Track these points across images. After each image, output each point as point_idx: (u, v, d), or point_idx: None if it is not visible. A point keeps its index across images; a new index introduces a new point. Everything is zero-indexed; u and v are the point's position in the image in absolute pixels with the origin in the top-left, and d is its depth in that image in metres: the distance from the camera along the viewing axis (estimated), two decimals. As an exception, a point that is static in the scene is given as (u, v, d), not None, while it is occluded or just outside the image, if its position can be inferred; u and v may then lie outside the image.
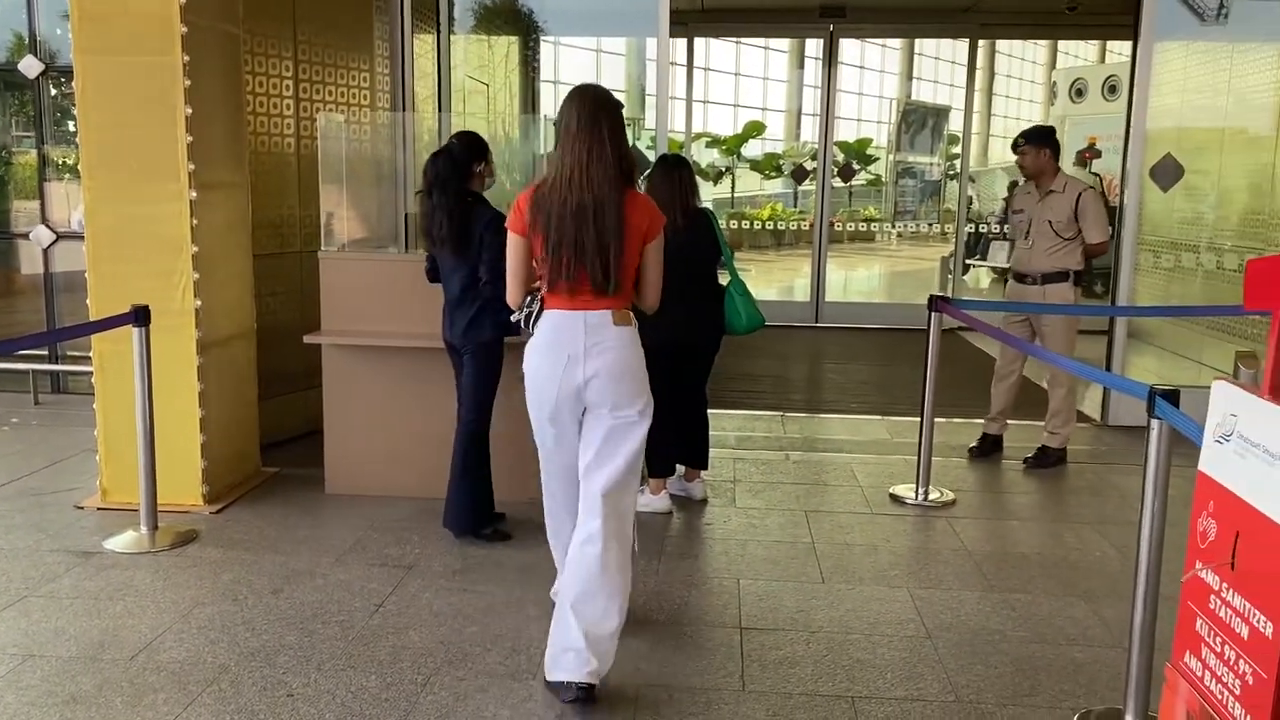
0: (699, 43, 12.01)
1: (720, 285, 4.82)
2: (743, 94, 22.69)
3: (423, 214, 4.20)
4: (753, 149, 19.38)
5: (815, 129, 11.51)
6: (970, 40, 11.16)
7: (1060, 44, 23.39)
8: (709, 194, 17.32)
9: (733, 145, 18.76)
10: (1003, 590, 3.97)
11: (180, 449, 4.62)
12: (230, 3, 4.86)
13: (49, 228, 6.87)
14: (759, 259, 16.24)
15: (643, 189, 4.08)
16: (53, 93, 6.89)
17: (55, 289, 6.94)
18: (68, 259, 6.83)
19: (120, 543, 4.27)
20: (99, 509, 4.68)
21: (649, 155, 7.45)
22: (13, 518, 4.58)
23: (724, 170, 18.59)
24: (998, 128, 23.19)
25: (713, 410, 5.16)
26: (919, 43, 22.10)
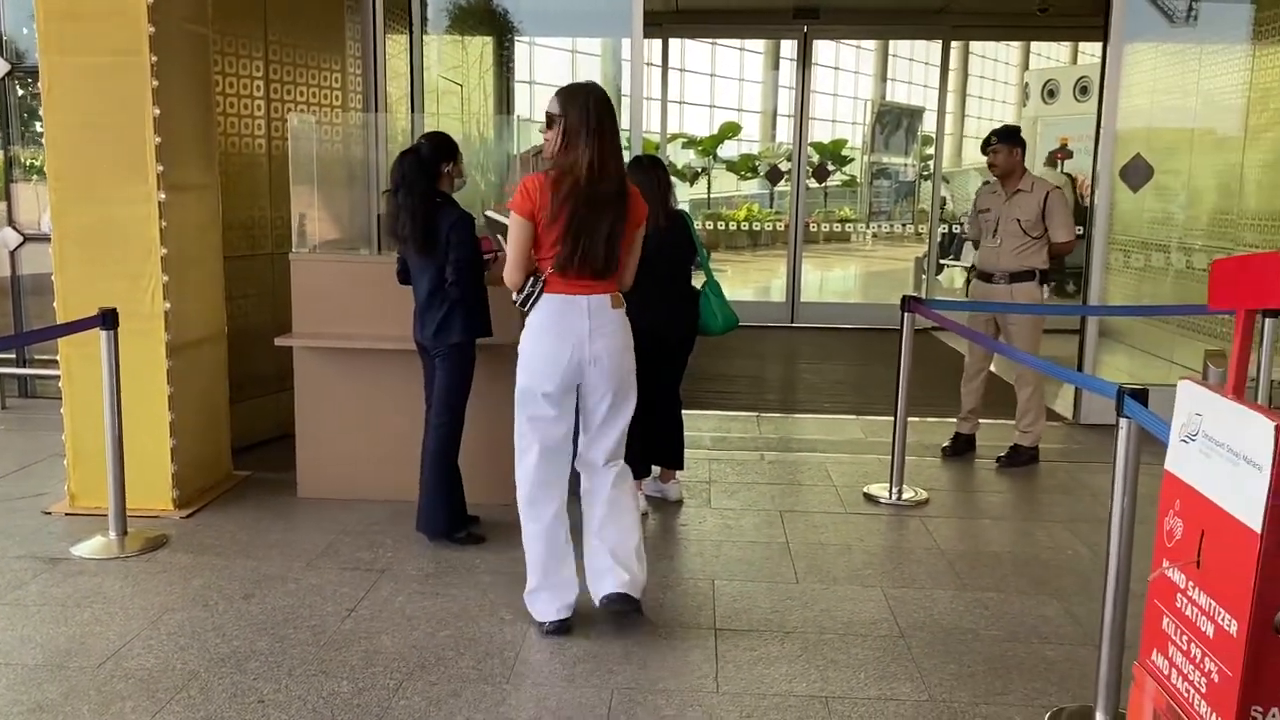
0: (675, 43, 12.03)
1: (694, 286, 4.83)
2: (719, 95, 22.74)
3: (388, 214, 4.18)
4: (729, 150, 19.41)
5: (790, 130, 11.54)
6: (943, 41, 11.22)
7: (1033, 45, 23.60)
8: (685, 195, 17.33)
9: (709, 146, 18.78)
10: (975, 589, 3.99)
11: (150, 453, 4.57)
12: (199, 2, 4.81)
13: (16, 230, 6.79)
14: (735, 259, 16.26)
15: None
16: (19, 93, 6.81)
17: (23, 292, 6.86)
18: (35, 261, 6.75)
19: (88, 548, 4.22)
20: (67, 514, 4.62)
21: (624, 156, 7.43)
22: (-21, 524, 4.52)
23: (700, 171, 18.60)
24: (971, 128, 23.36)
25: (689, 411, 5.16)
26: (893, 44, 22.23)
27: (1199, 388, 2.12)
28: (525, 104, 9.71)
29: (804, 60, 11.07)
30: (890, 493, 5.08)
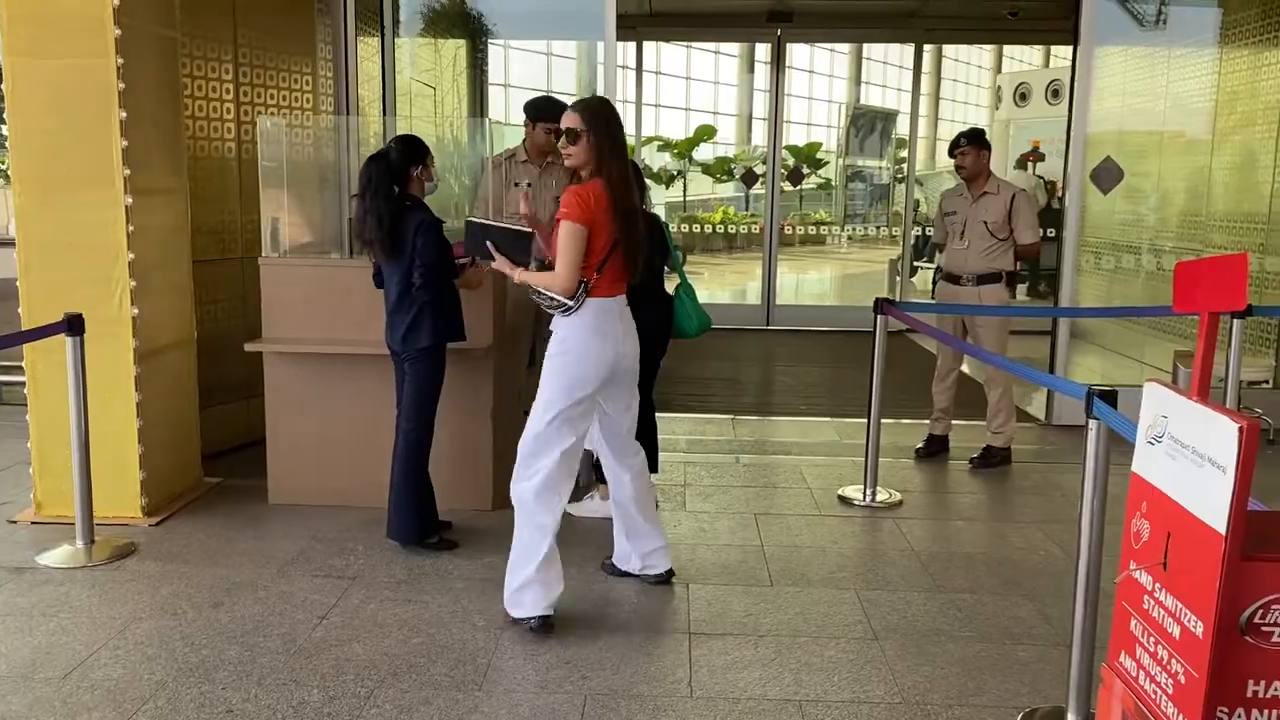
0: (650, 47, 12.02)
1: (667, 290, 4.82)
2: (694, 98, 22.77)
3: (357, 218, 4.15)
4: (704, 153, 19.44)
5: (765, 133, 11.57)
6: (916, 45, 11.29)
7: (1005, 49, 23.78)
8: (661, 197, 17.34)
9: (684, 149, 18.80)
10: (949, 590, 4.00)
11: (118, 460, 4.52)
12: (166, 5, 4.76)
13: (-19, 234, 6.70)
14: (711, 262, 16.28)
15: None
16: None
17: (-13, 297, 6.77)
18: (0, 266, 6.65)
19: (55, 557, 4.16)
20: (33, 523, 4.56)
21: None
22: (-57, 533, 4.45)
23: (675, 174, 18.62)
24: (944, 131, 23.47)
25: (664, 414, 5.16)
26: (867, 48, 22.36)
27: (1165, 389, 2.14)
28: (499, 107, 9.68)
29: (778, 64, 11.10)
30: (864, 495, 5.09)
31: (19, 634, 3.50)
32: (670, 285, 4.84)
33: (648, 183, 4.77)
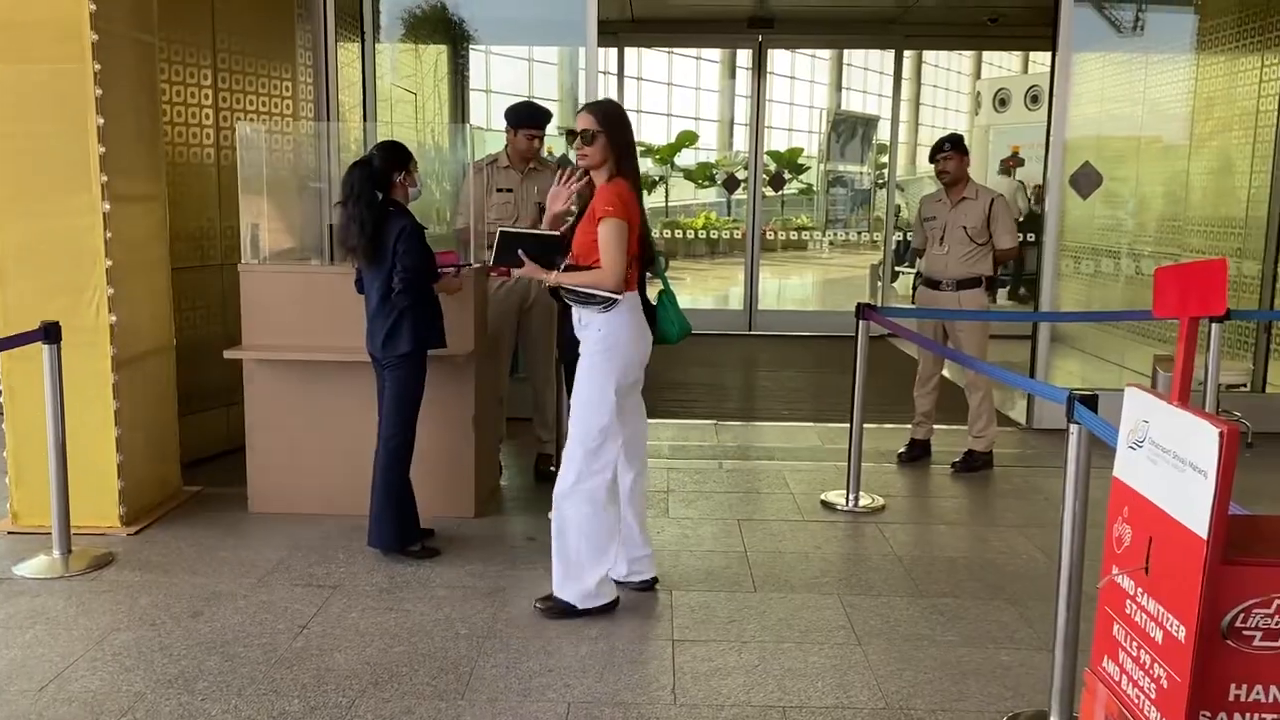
0: (632, 53, 12.04)
1: (648, 296, 4.80)
2: (675, 104, 22.81)
3: (339, 224, 4.13)
4: (686, 158, 19.46)
5: (747, 138, 11.58)
6: (896, 51, 11.34)
7: (984, 55, 23.90)
8: (643, 203, 17.30)
9: (666, 155, 18.81)
10: (931, 595, 4.01)
11: (96, 469, 4.47)
12: (144, 10, 4.73)
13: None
14: (694, 267, 16.30)
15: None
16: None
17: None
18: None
19: (31, 568, 4.12)
20: (10, 533, 4.50)
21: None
22: (-83, 544, 4.40)
23: (657, 179, 18.63)
24: (925, 137, 23.60)
25: (647, 420, 5.13)
26: (848, 53, 22.41)
27: (1145, 394, 2.14)
28: (481, 112, 9.66)
29: (759, 69, 11.13)
30: (847, 499, 5.10)
31: (-6, 646, 3.45)
32: (652, 291, 4.82)
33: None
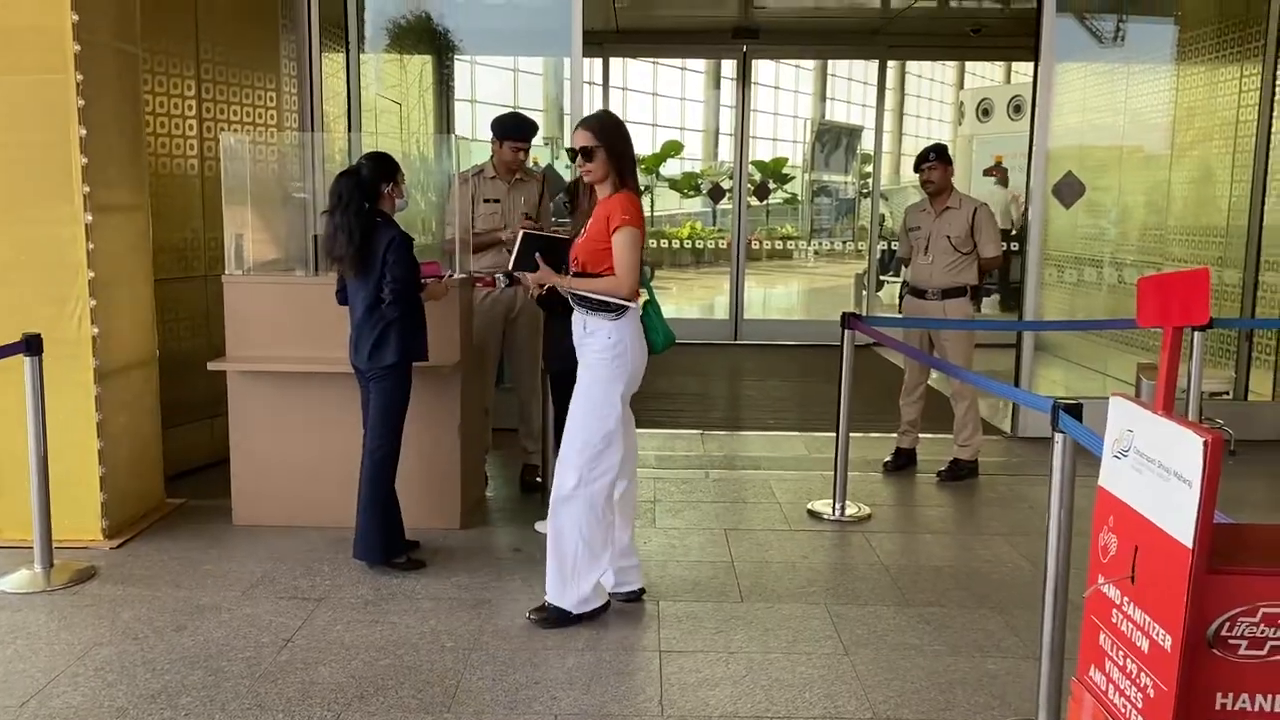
0: (617, 63, 12.04)
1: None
2: (660, 114, 22.85)
3: (326, 234, 4.12)
4: (671, 168, 19.50)
5: (732, 148, 11.61)
6: (880, 61, 11.39)
7: (967, 65, 24.07)
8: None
9: (651, 164, 18.84)
10: (918, 604, 4.01)
11: (78, 482, 4.44)
12: (127, 21, 4.71)
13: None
14: (679, 277, 16.32)
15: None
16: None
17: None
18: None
19: (12, 582, 4.08)
20: (-10, 547, 4.46)
21: (566, 175, 7.43)
22: (-105, 559, 4.35)
23: (643, 189, 18.66)
24: (909, 146, 23.72)
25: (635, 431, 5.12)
26: (832, 64, 22.53)
27: (1130, 403, 2.15)
28: (466, 123, 9.66)
29: (744, 79, 11.17)
30: (833, 509, 5.10)
31: (-26, 662, 3.42)
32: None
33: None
